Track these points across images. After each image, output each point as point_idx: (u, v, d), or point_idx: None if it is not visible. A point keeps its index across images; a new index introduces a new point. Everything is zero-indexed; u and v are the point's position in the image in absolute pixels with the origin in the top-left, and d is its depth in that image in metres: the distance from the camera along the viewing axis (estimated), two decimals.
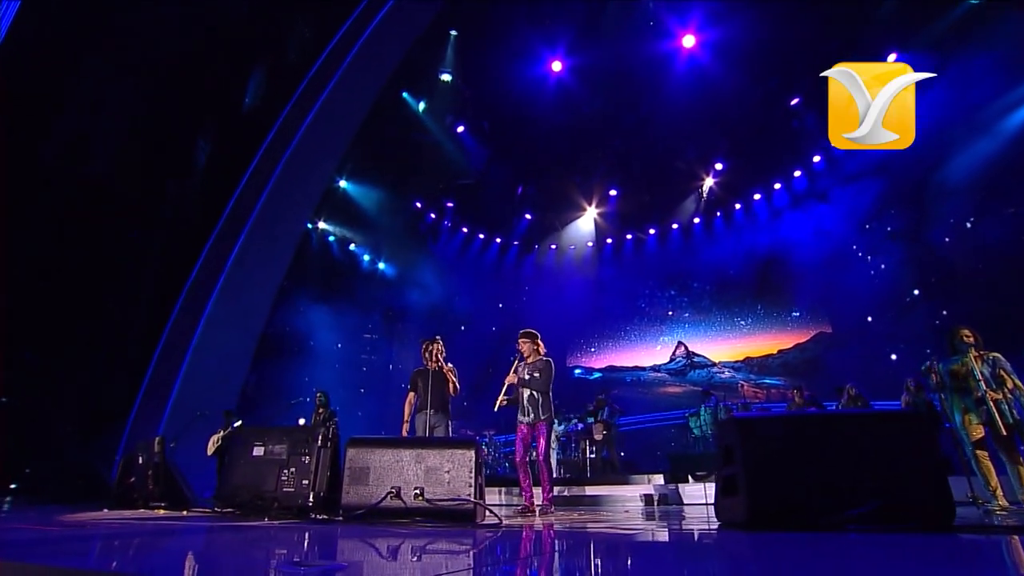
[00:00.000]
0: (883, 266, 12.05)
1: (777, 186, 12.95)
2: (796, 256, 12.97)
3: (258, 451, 3.66)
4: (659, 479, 9.36)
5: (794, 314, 14.15)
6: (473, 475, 3.47)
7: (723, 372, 15.05)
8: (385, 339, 15.16)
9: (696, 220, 14.92)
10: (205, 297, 11.19)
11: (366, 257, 14.87)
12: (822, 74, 3.91)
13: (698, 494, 8.37)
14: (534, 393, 4.97)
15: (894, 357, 11.28)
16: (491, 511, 3.44)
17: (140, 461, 4.91)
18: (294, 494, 3.52)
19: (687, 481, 8.71)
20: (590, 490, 8.75)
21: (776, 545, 2.36)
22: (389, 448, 3.52)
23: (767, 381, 14.18)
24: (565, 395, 11.83)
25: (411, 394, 5.36)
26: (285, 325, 12.25)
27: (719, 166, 12.81)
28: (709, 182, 13.71)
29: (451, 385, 5.27)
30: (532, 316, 15.15)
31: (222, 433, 8.78)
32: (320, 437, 3.57)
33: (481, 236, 16.01)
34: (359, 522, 3.35)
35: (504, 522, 3.33)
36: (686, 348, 15.78)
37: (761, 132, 11.21)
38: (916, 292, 11.27)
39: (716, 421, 11.15)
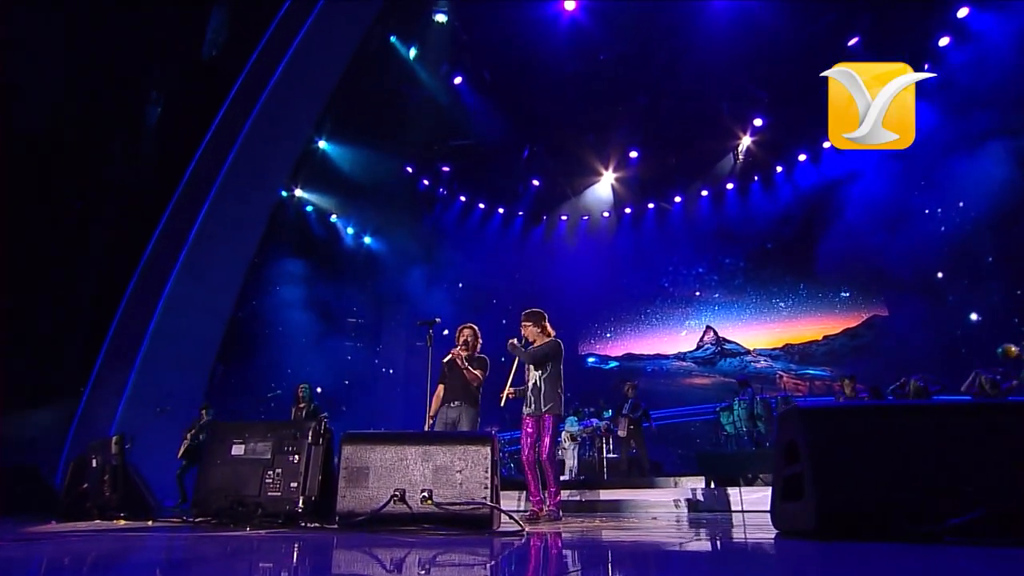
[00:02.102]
0: (948, 233, 11.82)
1: (827, 145, 12.69)
2: (846, 227, 12.76)
3: (237, 450, 3.56)
4: (689, 482, 9.35)
5: (843, 294, 14.03)
6: (489, 475, 3.37)
7: (758, 361, 15.01)
8: (372, 324, 15.16)
9: (729, 186, 14.71)
10: (163, 276, 11.10)
11: (349, 230, 14.77)
12: (822, 74, 4.33)
13: (735, 499, 8.37)
14: (537, 381, 4.90)
15: (963, 351, 11.18)
16: (511, 517, 3.34)
17: (94, 464, 4.80)
18: (281, 499, 3.45)
19: (722, 484, 8.67)
20: (606, 494, 8.73)
21: (855, 559, 2.24)
22: (391, 445, 3.42)
23: (810, 372, 14.13)
24: (576, 387, 11.78)
25: (440, 386, 5.34)
26: (257, 308, 12.27)
27: (758, 122, 12.55)
28: (746, 141, 13.46)
29: (464, 371, 5.23)
30: (540, 297, 14.96)
31: (193, 431, 8.75)
32: (311, 433, 3.48)
33: (481, 206, 15.86)
34: (358, 530, 3.26)
35: (527, 529, 3.23)
36: (716, 333, 15.73)
37: (810, 81, 10.91)
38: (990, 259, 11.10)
39: (752, 416, 11.12)
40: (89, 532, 3.34)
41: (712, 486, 8.97)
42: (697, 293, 16.19)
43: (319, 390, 8.77)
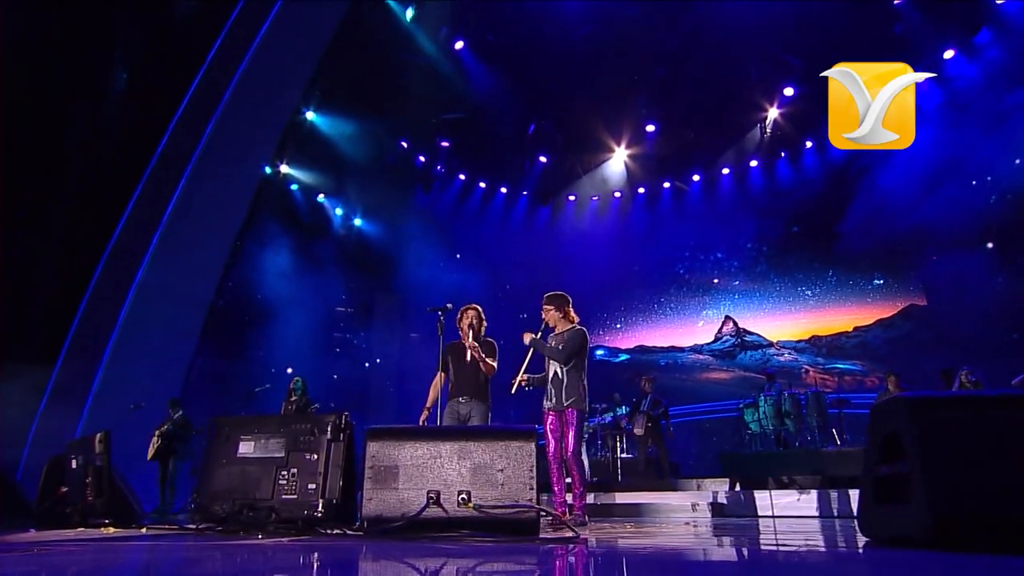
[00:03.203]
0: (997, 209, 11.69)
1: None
2: (881, 208, 12.64)
3: (245, 447, 3.39)
4: (712, 484, 9.30)
5: (876, 281, 13.91)
6: (534, 474, 3.24)
7: (782, 354, 14.94)
8: (363, 312, 15.03)
9: (753, 163, 14.56)
10: (134, 261, 10.95)
11: (338, 211, 14.58)
12: (822, 74, 4.64)
13: (763, 503, 8.31)
14: (558, 372, 4.82)
15: (1017, 337, 11.10)
16: (563, 521, 3.19)
17: (74, 465, 4.60)
18: (297, 502, 3.29)
19: (748, 487, 8.64)
20: (622, 497, 8.70)
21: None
22: (424, 441, 3.27)
23: (838, 366, 14.06)
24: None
25: (439, 375, 5.25)
26: (240, 295, 12.06)
27: (789, 91, 12.37)
28: (773, 113, 13.29)
29: (482, 364, 5.15)
30: (545, 284, 14.71)
31: (162, 429, 8.59)
32: (330, 427, 3.31)
33: (483, 184, 15.69)
34: (387, 538, 3.09)
35: (583, 535, 3.07)
36: (735, 324, 15.64)
37: (848, 44, 10.74)
38: None
39: (779, 414, 11.03)
40: (84, 541, 3.15)
41: (737, 489, 8.94)
42: (715, 280, 16.06)
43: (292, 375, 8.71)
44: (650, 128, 13.88)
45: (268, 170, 12.71)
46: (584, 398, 4.86)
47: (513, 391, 4.92)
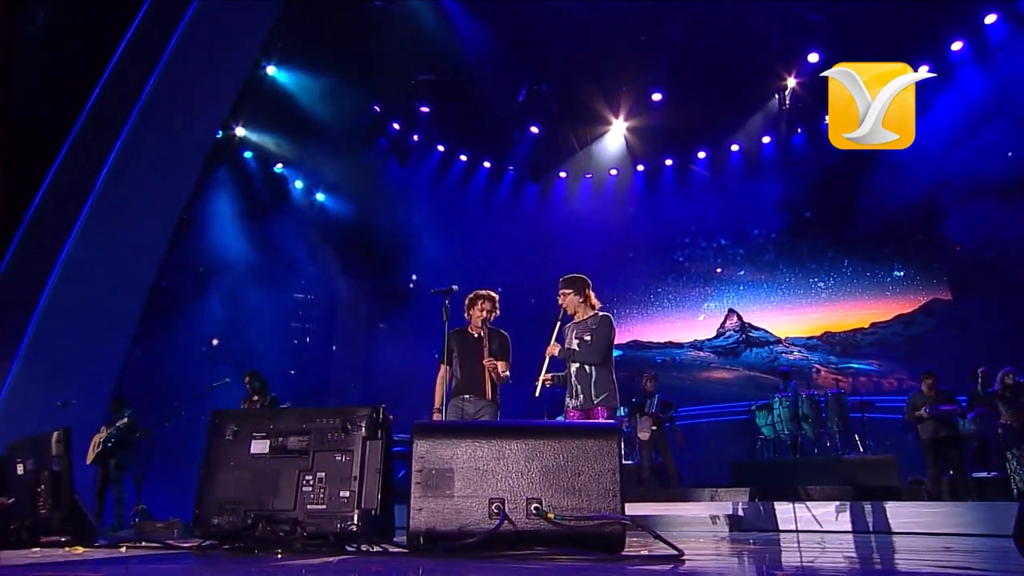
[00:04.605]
0: None
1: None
2: (904, 192, 12.74)
3: (259, 446, 3.07)
4: (727, 495, 9.25)
5: (896, 273, 14.03)
6: (619, 479, 3.04)
7: (791, 352, 15.03)
8: (326, 301, 14.76)
9: (766, 139, 14.51)
10: (60, 234, 10.38)
11: (299, 183, 14.19)
12: (822, 74, 5.01)
13: (786, 516, 8.29)
14: (585, 367, 4.80)
15: None
16: (660, 537, 2.98)
17: (21, 471, 4.18)
18: (327, 514, 2.98)
19: (765, 498, 8.61)
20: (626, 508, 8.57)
21: None
22: (484, 439, 3.02)
23: (853, 365, 14.18)
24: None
25: (443, 368, 5.22)
26: (188, 276, 11.69)
27: (813, 57, 12.31)
28: (791, 83, 13.26)
29: (493, 374, 5.15)
30: (530, 271, 14.79)
31: (105, 433, 8.18)
32: (365, 422, 3.03)
33: (464, 158, 15.44)
34: (441, 556, 2.82)
35: (685, 554, 2.86)
36: (740, 318, 15.68)
37: (879, 5, 10.78)
38: None
39: (796, 417, 11.06)
40: (58, 565, 2.78)
41: (757, 500, 8.93)
42: (719, 270, 16.07)
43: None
44: (657, 96, 13.70)
45: (220, 134, 12.19)
46: (615, 395, 4.81)
47: (537, 393, 4.85)
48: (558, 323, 5.02)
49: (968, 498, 8.08)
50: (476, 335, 5.25)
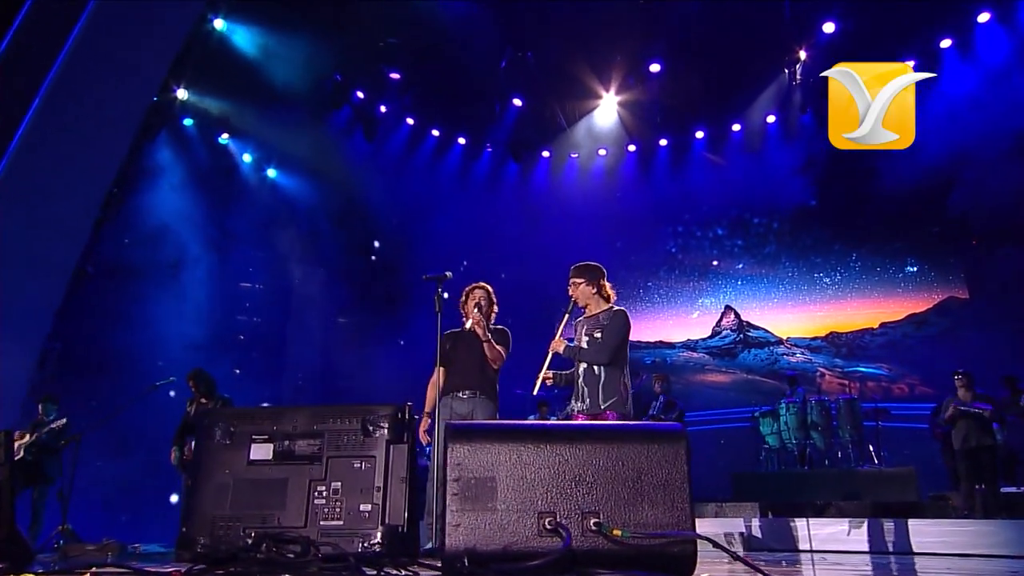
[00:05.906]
0: None
1: (910, 64, 12.69)
2: (919, 180, 12.84)
3: (261, 451, 2.85)
4: (735, 510, 9.25)
5: (909, 269, 14.17)
6: (688, 489, 2.85)
7: (793, 353, 15.16)
8: (276, 290, 14.43)
9: (771, 118, 14.51)
10: None
11: (247, 157, 13.80)
12: (822, 74, 5.49)
13: (800, 534, 8.31)
14: (593, 368, 4.74)
15: None
16: (736, 555, 2.75)
17: None
18: (345, 531, 2.80)
19: (776, 514, 8.72)
20: None
21: None
22: (531, 442, 2.79)
23: (860, 368, 14.31)
24: None
25: (438, 370, 5.24)
26: (118, 261, 11.27)
27: (829, 27, 12.27)
28: (803, 56, 13.17)
29: (486, 347, 5.25)
30: (510, 262, 14.79)
31: (30, 438, 7.75)
32: (388, 423, 2.79)
33: (436, 133, 15.24)
34: None
35: None
36: (738, 316, 15.79)
37: None
38: None
39: (804, 425, 11.07)
40: None
41: (770, 516, 8.95)
42: (715, 263, 16.18)
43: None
44: (655, 67, 13.59)
45: (156, 99, 11.73)
46: (627, 399, 4.76)
47: (536, 391, 4.85)
48: (566, 315, 4.98)
49: (998, 515, 8.03)
50: (471, 328, 5.30)
